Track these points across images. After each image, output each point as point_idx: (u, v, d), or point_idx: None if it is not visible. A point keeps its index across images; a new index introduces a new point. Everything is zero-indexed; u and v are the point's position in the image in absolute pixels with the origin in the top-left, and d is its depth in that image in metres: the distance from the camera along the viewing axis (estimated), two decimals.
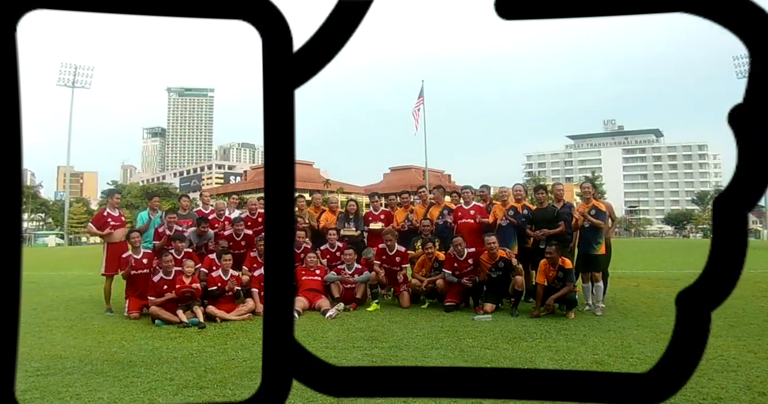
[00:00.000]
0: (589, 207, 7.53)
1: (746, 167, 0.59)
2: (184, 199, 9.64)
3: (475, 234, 8.11)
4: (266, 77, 0.62)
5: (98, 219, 8.32)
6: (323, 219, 9.12)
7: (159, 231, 8.18)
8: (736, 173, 0.59)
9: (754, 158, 0.59)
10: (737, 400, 3.62)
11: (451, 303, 7.54)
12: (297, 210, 8.99)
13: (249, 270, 7.76)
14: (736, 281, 0.60)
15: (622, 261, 17.61)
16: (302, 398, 3.49)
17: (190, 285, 7.07)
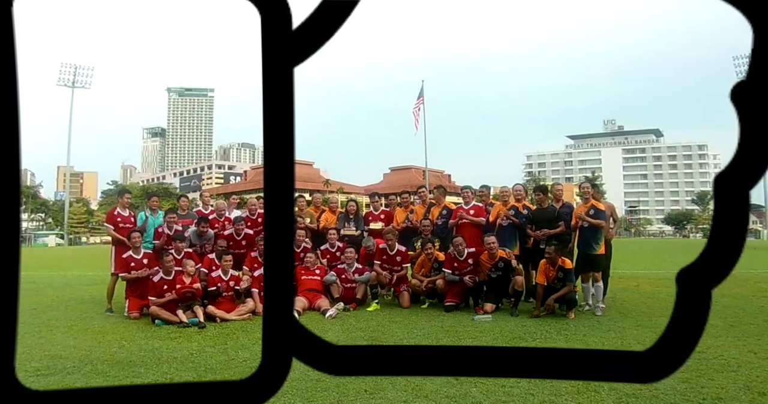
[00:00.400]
0: (588, 208, 7.54)
1: (748, 145, 0.59)
2: (183, 199, 9.63)
3: (475, 234, 8.12)
4: (265, 55, 0.62)
5: (109, 218, 8.30)
6: (323, 220, 9.12)
7: (159, 232, 8.18)
8: (738, 151, 0.59)
9: (755, 136, 0.58)
10: (737, 400, 3.62)
11: (451, 303, 7.54)
12: (297, 210, 8.99)
13: (249, 270, 7.76)
14: (737, 259, 0.60)
15: (622, 261, 17.59)
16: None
17: (191, 285, 7.06)
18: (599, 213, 7.49)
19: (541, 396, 3.71)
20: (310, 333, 0.63)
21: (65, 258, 27.02)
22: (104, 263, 9.52)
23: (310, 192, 20.77)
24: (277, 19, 0.60)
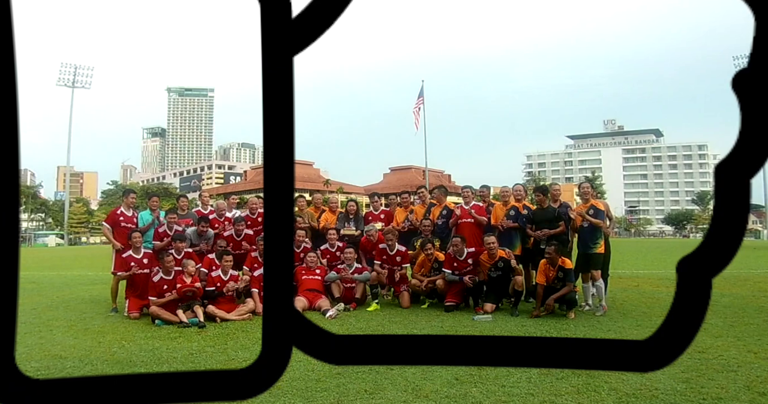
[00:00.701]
0: (588, 207, 7.55)
1: (749, 133, 0.58)
2: (183, 199, 9.62)
3: (475, 234, 8.12)
4: (265, 44, 0.61)
5: (111, 218, 8.29)
6: (323, 220, 9.12)
7: (159, 232, 8.18)
8: (739, 139, 0.59)
9: (757, 124, 0.58)
10: (737, 400, 3.62)
11: (451, 303, 7.54)
12: (297, 210, 8.99)
13: (249, 270, 7.76)
14: (737, 248, 0.60)
15: (622, 261, 17.61)
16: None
17: (192, 284, 7.06)
18: (598, 212, 7.50)
19: (541, 396, 3.71)
20: (310, 322, 0.63)
21: (65, 258, 27.02)
22: (104, 263, 9.55)
23: (310, 192, 20.79)
24: (277, 7, 0.60)
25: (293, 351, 0.62)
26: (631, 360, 0.61)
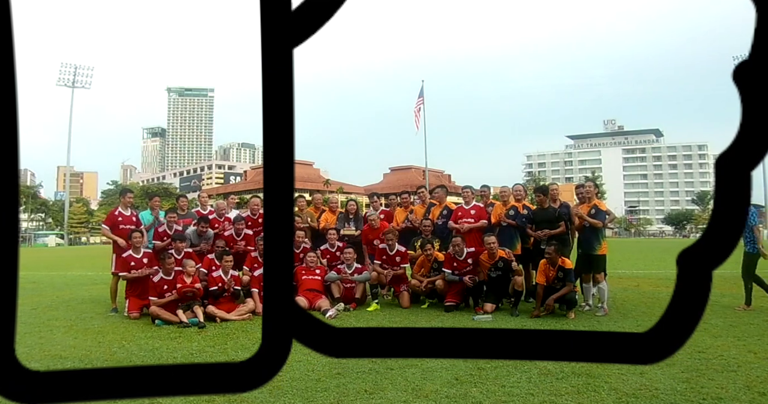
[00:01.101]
0: (590, 207, 7.54)
1: (750, 126, 0.58)
2: (182, 199, 9.61)
3: (475, 234, 8.11)
4: (264, 37, 0.61)
5: (110, 219, 8.26)
6: (323, 220, 9.12)
7: (159, 232, 8.17)
8: (740, 132, 0.59)
9: (758, 116, 0.58)
10: (737, 400, 3.62)
11: (451, 303, 7.54)
12: (297, 210, 8.99)
13: (249, 270, 7.76)
14: (737, 241, 0.60)
15: (622, 261, 17.62)
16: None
17: (192, 284, 7.06)
18: (600, 213, 7.49)
19: (541, 396, 3.71)
20: (311, 315, 0.63)
21: (65, 258, 27.02)
22: (104, 263, 9.55)
23: (310, 192, 20.78)
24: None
25: (293, 349, 0.62)
26: (631, 353, 0.61)
